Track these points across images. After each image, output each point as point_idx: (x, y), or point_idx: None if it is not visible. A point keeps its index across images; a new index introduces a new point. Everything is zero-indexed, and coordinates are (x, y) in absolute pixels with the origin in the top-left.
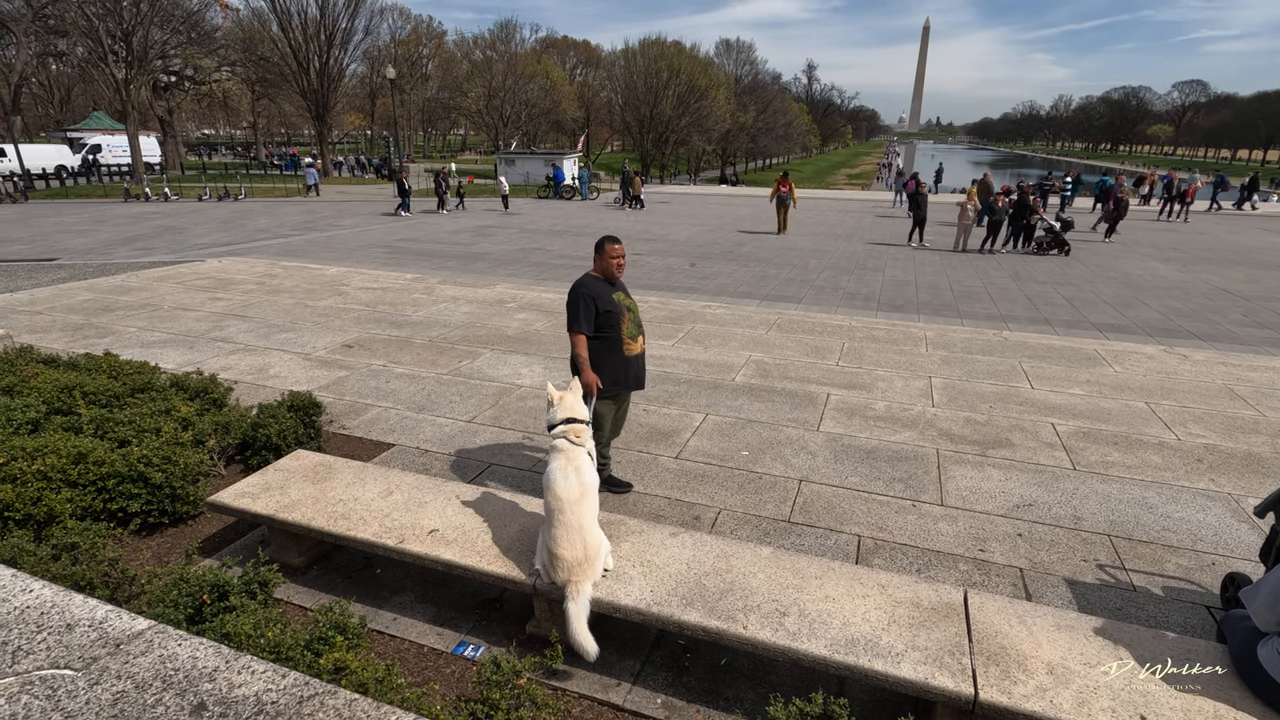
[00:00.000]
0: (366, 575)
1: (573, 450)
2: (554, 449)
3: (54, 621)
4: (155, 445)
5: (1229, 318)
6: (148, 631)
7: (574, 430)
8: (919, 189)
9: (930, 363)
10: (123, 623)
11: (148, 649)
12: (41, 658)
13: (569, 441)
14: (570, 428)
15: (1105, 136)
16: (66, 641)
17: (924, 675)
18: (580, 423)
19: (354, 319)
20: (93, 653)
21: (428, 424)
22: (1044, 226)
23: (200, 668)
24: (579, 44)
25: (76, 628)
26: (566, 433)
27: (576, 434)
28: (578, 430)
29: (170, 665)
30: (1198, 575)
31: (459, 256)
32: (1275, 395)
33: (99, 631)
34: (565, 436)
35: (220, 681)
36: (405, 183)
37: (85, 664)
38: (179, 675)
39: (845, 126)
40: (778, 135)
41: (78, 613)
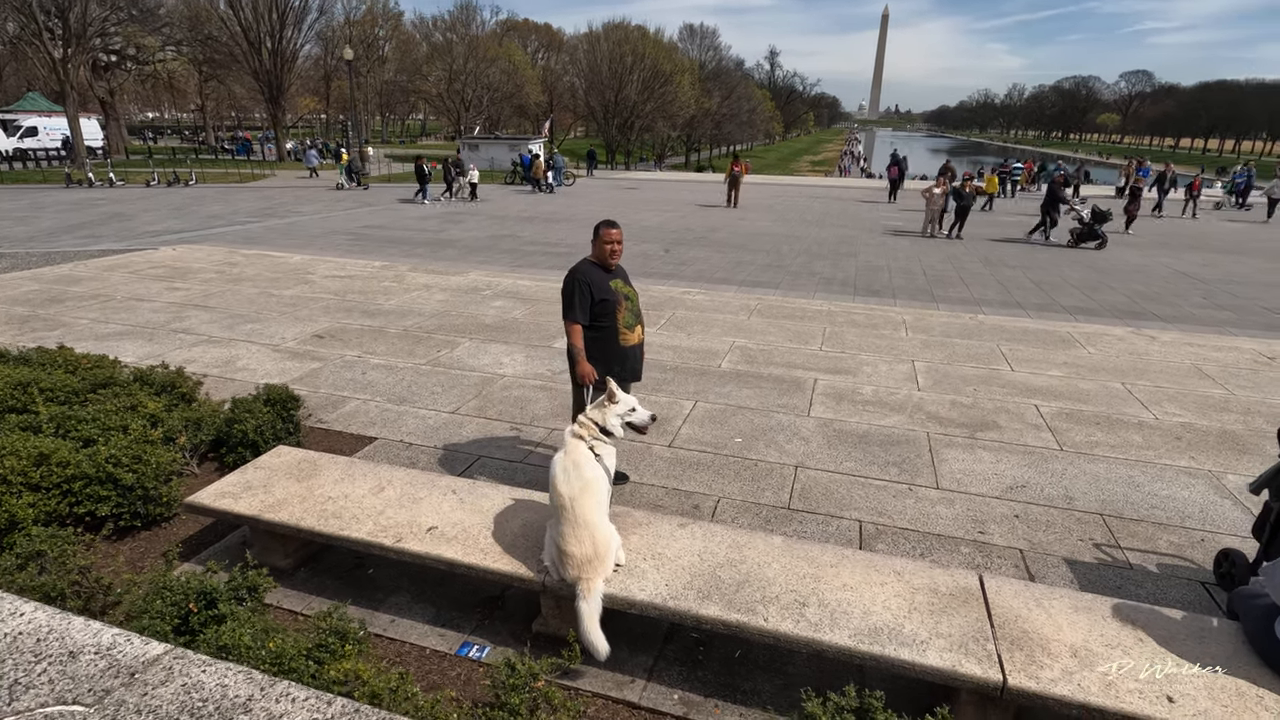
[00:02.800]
0: (358, 576)
1: (573, 444)
2: (562, 441)
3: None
4: (123, 444)
5: (1190, 300)
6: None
7: (580, 421)
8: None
9: (911, 347)
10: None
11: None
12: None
13: (573, 433)
14: (581, 418)
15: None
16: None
17: (951, 663)
18: (587, 418)
19: (323, 308)
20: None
21: (410, 416)
22: (1075, 218)
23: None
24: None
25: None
26: (576, 422)
27: (580, 423)
28: (582, 422)
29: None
30: (1189, 552)
31: (427, 244)
32: (1241, 374)
33: (108, 659)
34: (572, 428)
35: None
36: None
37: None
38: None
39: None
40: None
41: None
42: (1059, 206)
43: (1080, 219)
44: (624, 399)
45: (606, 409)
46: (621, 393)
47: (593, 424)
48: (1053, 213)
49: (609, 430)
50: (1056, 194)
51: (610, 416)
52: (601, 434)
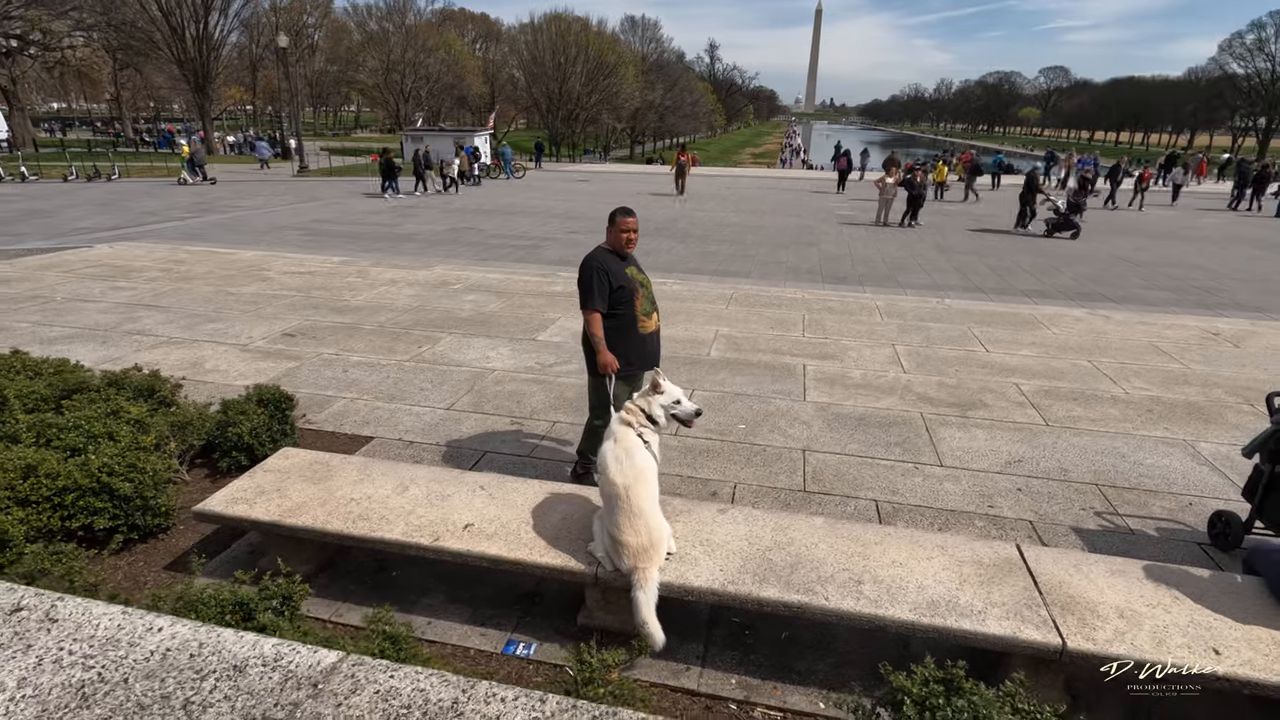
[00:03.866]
0: (382, 579)
1: (622, 431)
2: (609, 429)
3: (213, 663)
4: (114, 452)
5: (1132, 282)
6: (342, 665)
7: (628, 408)
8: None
9: (889, 331)
10: (304, 657)
11: (355, 686)
12: (226, 710)
13: (621, 420)
14: (628, 405)
15: (983, 118)
16: (246, 686)
17: (1011, 630)
18: (634, 405)
19: (288, 306)
20: (289, 697)
21: (404, 414)
22: (1050, 208)
23: (435, 702)
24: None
25: (248, 668)
26: (623, 409)
27: (629, 411)
28: (630, 409)
29: (396, 703)
30: (1181, 515)
31: (385, 238)
32: (1192, 350)
33: (280, 670)
34: (621, 413)
35: (470, 715)
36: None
37: (288, 712)
38: (414, 714)
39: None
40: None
41: (237, 650)
42: (1036, 197)
43: (1056, 209)
44: (670, 389)
45: (652, 398)
46: (668, 383)
47: (640, 411)
48: (1030, 203)
49: (654, 419)
50: (1034, 186)
51: (655, 406)
52: (648, 421)
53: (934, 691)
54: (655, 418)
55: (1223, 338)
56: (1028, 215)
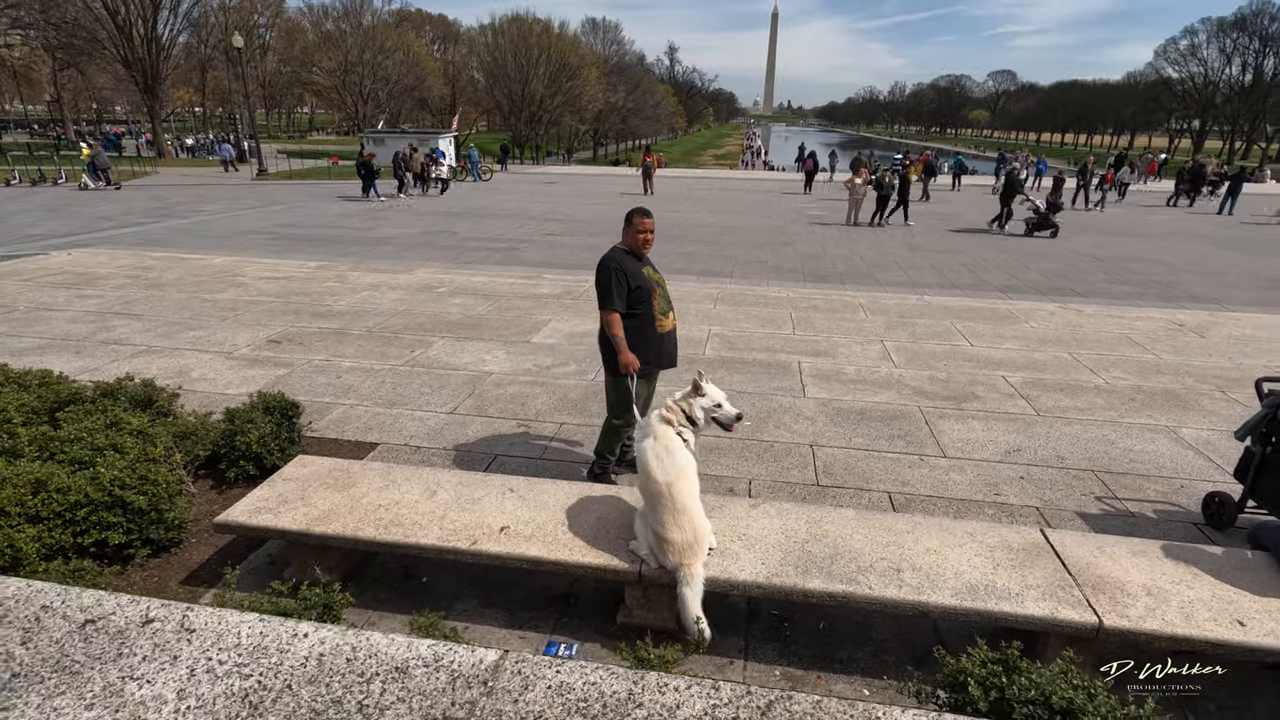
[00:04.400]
0: (411, 586)
1: (662, 429)
2: (645, 425)
3: (372, 666)
4: (123, 465)
5: (1096, 277)
6: (506, 662)
7: (667, 406)
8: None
9: (875, 327)
10: (463, 656)
11: (526, 683)
12: (404, 711)
13: (659, 417)
14: (667, 403)
15: (935, 120)
16: (416, 687)
17: (1049, 610)
18: (674, 404)
19: (268, 312)
20: (465, 696)
21: (406, 419)
22: (1030, 208)
23: (610, 694)
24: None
25: (411, 670)
26: (661, 406)
27: (668, 409)
28: (670, 408)
29: (572, 696)
30: (1174, 497)
31: (359, 242)
32: (1161, 340)
33: (446, 670)
34: (660, 410)
35: (649, 705)
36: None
37: (468, 711)
38: (594, 707)
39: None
40: (647, 116)
41: (393, 652)
42: (1015, 197)
43: (1035, 209)
44: (711, 391)
45: (693, 400)
46: (709, 385)
47: (680, 411)
48: (1010, 203)
49: (695, 421)
50: (1014, 186)
51: (696, 408)
52: (687, 421)
53: (994, 672)
54: (695, 419)
55: (1187, 329)
56: (1006, 215)
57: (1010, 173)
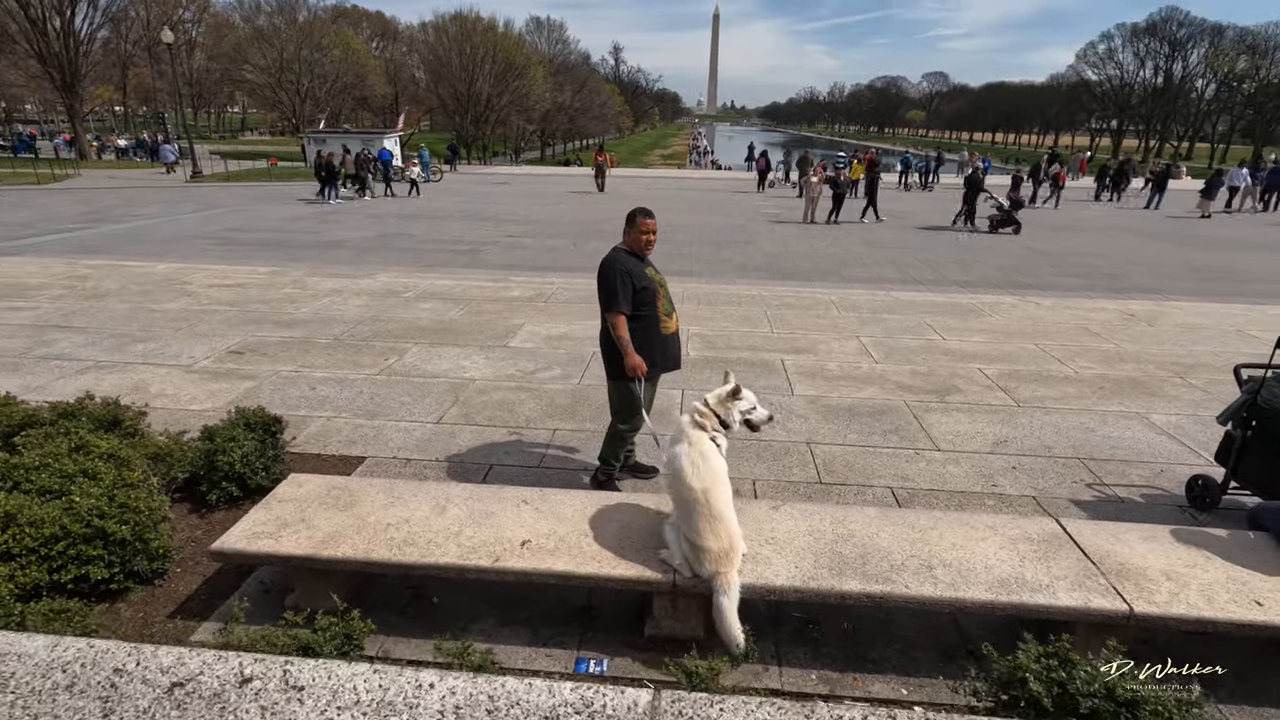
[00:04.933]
0: (421, 608)
1: (695, 434)
2: (677, 430)
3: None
4: (99, 492)
5: (1046, 271)
6: (660, 701)
7: (699, 411)
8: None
9: (849, 323)
10: (613, 698)
11: None
12: None
13: (692, 422)
14: (697, 407)
15: (873, 120)
16: None
17: (1082, 600)
18: (710, 409)
19: (224, 321)
20: None
21: (391, 430)
22: (994, 205)
23: None
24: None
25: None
26: (692, 411)
27: (700, 414)
28: (703, 413)
29: None
30: (1157, 481)
31: (311, 246)
32: (1117, 330)
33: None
34: (691, 415)
35: None
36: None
37: None
38: None
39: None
40: (594, 115)
41: (532, 698)
42: (979, 195)
43: (999, 207)
44: (747, 395)
45: (730, 404)
46: (745, 389)
47: (714, 415)
48: (973, 201)
49: (728, 424)
50: (978, 185)
51: (734, 411)
52: (720, 426)
53: (1051, 666)
54: (731, 423)
55: (1138, 318)
56: (968, 213)
57: (973, 172)
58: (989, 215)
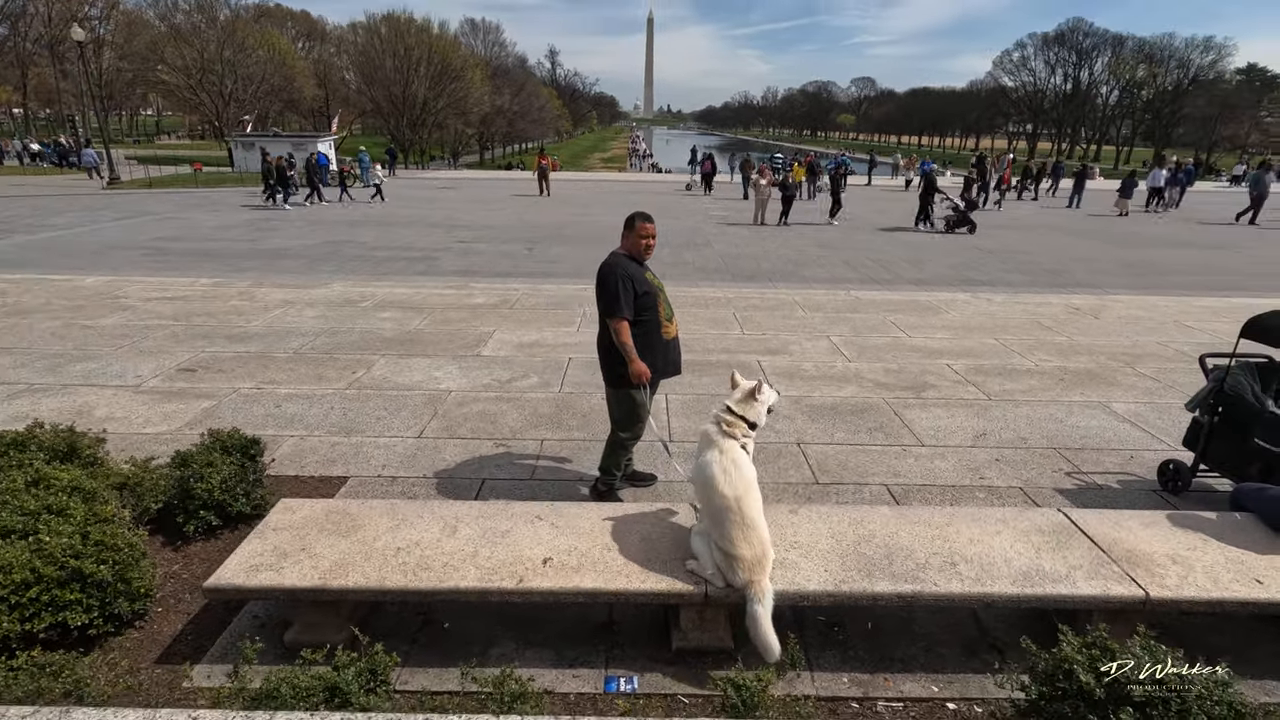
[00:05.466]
0: (434, 634)
1: (725, 442)
2: (704, 438)
3: None
4: (71, 530)
5: (992, 268)
6: None
7: (725, 419)
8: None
9: (816, 323)
10: None
11: None
12: None
13: (720, 430)
14: (722, 416)
15: (806, 124)
16: None
17: (1101, 588)
18: (737, 416)
19: (170, 337)
20: None
21: (371, 447)
22: (950, 206)
23: None
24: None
25: None
26: (719, 420)
27: (728, 424)
28: (730, 421)
29: None
30: (1129, 468)
31: (254, 255)
32: (1066, 323)
33: None
34: (717, 424)
35: None
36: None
37: None
38: None
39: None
40: (533, 119)
41: None
42: (935, 196)
43: (955, 207)
44: (768, 390)
45: (754, 403)
46: (766, 385)
47: (743, 421)
48: (929, 203)
49: (756, 424)
50: (933, 186)
51: (761, 410)
52: (749, 429)
53: (1094, 656)
54: (759, 421)
55: (1083, 312)
56: (925, 213)
57: (928, 173)
58: (945, 216)
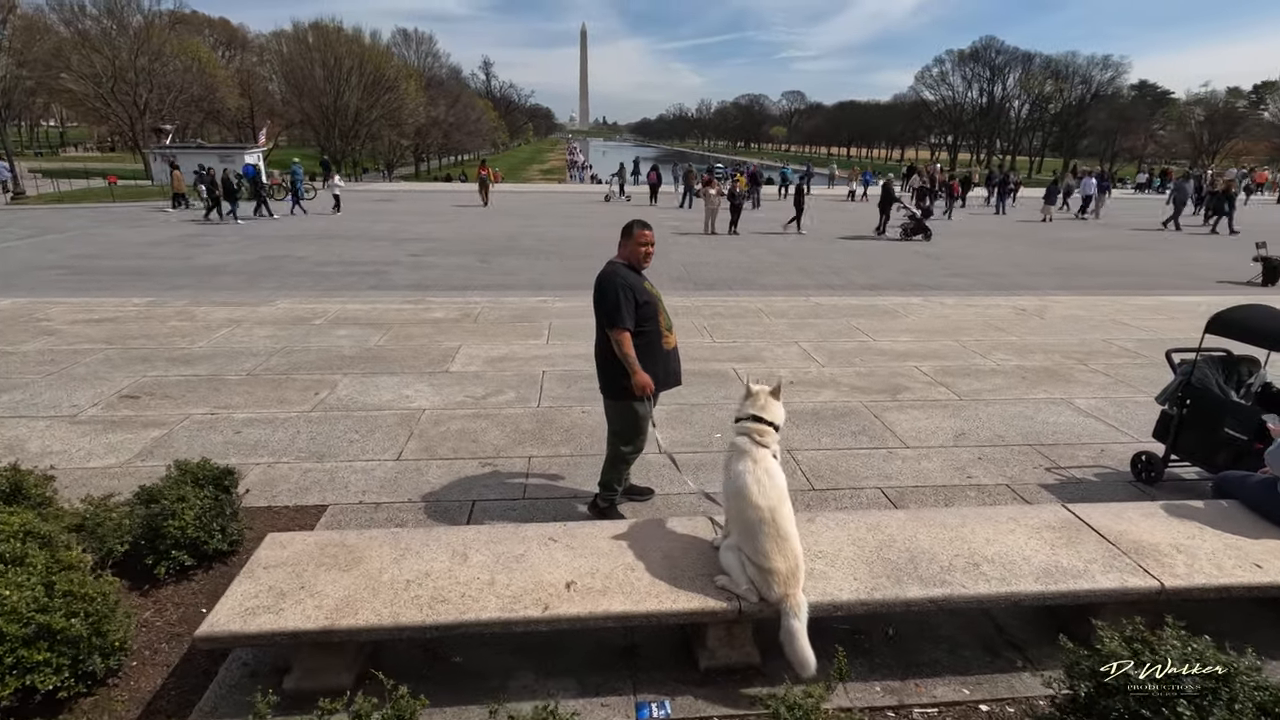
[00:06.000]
0: (445, 669)
1: (758, 451)
2: (734, 450)
3: None
4: (34, 581)
5: (938, 273)
6: None
7: (756, 429)
8: None
9: (783, 329)
10: None
11: None
12: None
13: (752, 441)
14: (753, 427)
15: (740, 135)
16: None
17: (1119, 581)
18: (766, 423)
19: (104, 362)
20: None
21: (347, 472)
22: (907, 214)
23: None
24: (216, 22)
25: None
26: (749, 431)
27: (760, 433)
28: (761, 430)
29: None
30: (1101, 460)
31: (188, 273)
32: (1015, 324)
33: None
34: (748, 435)
35: None
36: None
37: None
38: None
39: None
40: (470, 130)
41: None
42: (892, 205)
43: (912, 215)
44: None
45: (777, 405)
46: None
47: (770, 428)
48: (888, 211)
49: (779, 427)
50: (891, 195)
51: (780, 411)
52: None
53: (1137, 650)
54: (781, 425)
55: (1029, 313)
56: (884, 221)
57: (886, 183)
58: (901, 224)
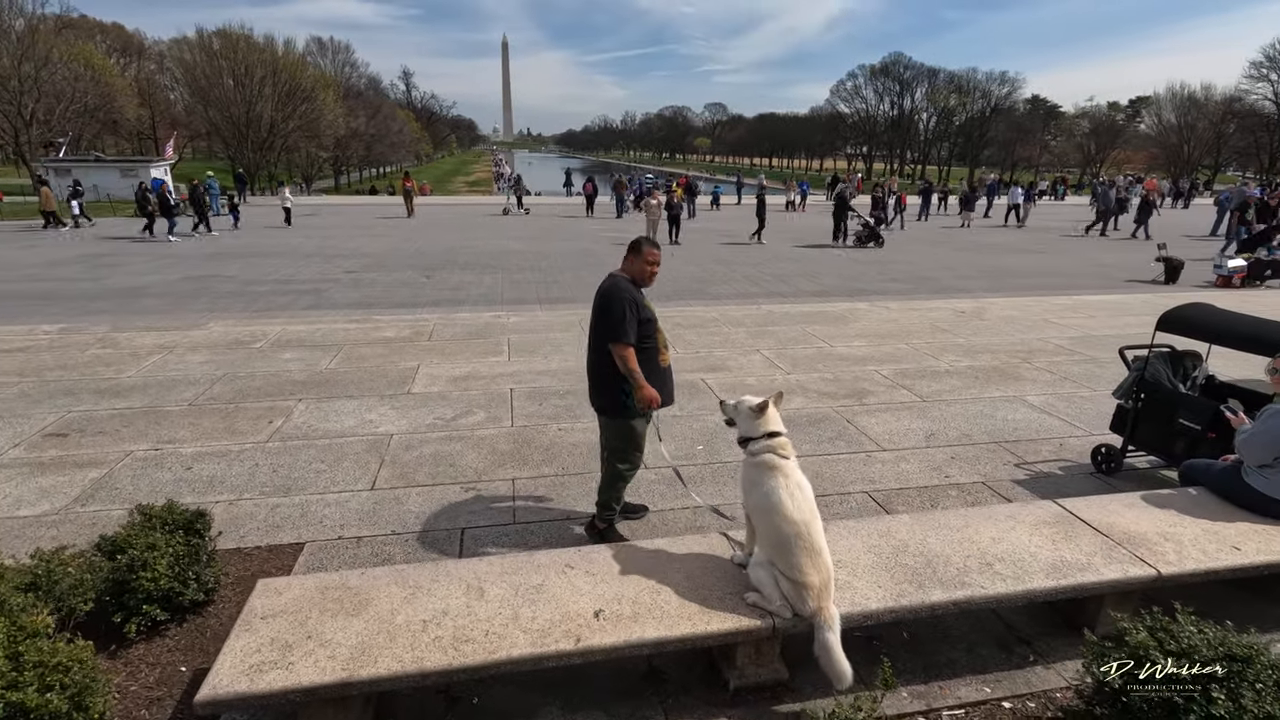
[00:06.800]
0: (462, 712)
1: (787, 465)
2: (762, 466)
3: None
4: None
5: (876, 278)
6: None
7: (780, 444)
8: None
9: (742, 338)
10: None
11: None
12: None
13: (778, 456)
14: (775, 442)
15: (665, 146)
16: None
17: (1121, 572)
18: (784, 435)
19: (20, 397)
20: None
21: (319, 505)
22: (861, 223)
23: None
24: (109, 27)
25: None
26: (773, 448)
27: (783, 447)
28: (783, 444)
29: None
30: (1062, 454)
31: (104, 295)
32: (960, 325)
33: None
34: (773, 452)
35: None
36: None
37: None
38: None
39: (450, 135)
40: (391, 142)
41: None
42: (848, 214)
43: (865, 224)
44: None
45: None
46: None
47: (788, 439)
48: (844, 220)
49: None
50: (846, 204)
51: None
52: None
53: (1161, 639)
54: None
55: (968, 315)
56: (842, 230)
57: (840, 192)
58: (856, 232)
